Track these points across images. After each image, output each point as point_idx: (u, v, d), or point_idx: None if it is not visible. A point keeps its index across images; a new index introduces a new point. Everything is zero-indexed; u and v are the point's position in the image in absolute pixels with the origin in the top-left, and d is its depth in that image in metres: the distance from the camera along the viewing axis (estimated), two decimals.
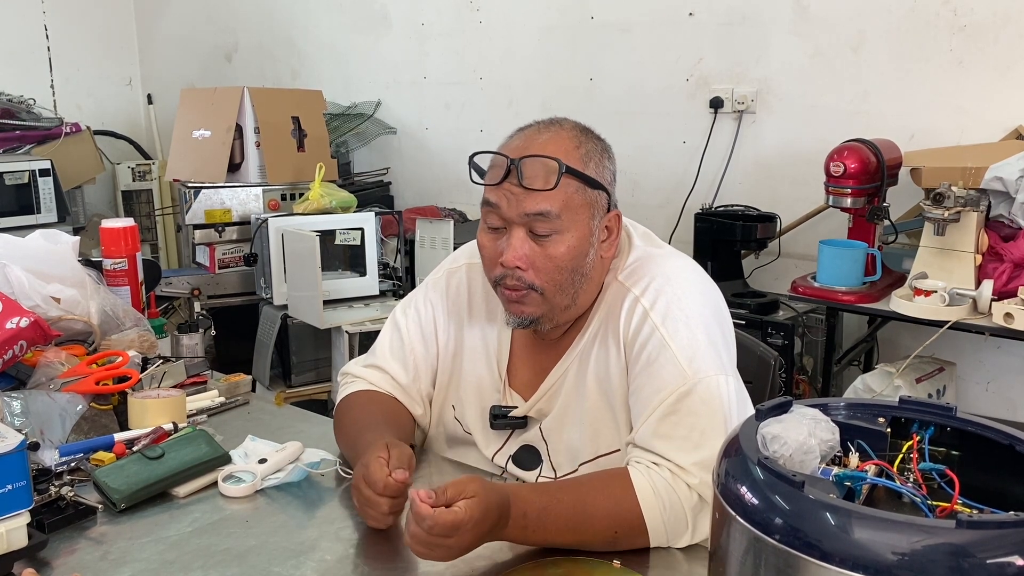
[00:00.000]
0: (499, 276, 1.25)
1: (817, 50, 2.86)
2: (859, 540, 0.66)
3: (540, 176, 1.20)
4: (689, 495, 1.12)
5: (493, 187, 1.23)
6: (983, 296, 2.19)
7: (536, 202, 1.20)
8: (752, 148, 3.05)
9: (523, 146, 1.24)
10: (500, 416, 1.35)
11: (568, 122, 1.28)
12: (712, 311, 1.26)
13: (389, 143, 4.16)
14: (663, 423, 1.16)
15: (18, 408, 1.40)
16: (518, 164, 1.20)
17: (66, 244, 1.78)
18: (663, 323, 1.21)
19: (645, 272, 1.27)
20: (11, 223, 3.50)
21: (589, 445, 1.28)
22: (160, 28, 5.09)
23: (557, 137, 1.24)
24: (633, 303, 1.24)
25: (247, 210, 3.39)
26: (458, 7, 3.78)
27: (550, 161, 1.19)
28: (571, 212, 1.21)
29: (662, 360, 1.19)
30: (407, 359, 1.42)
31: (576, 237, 1.22)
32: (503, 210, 1.22)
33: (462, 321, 1.42)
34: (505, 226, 1.23)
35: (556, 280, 1.23)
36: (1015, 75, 2.52)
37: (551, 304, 1.25)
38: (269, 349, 3.12)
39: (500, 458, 1.36)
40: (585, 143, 1.25)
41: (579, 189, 1.22)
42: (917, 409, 0.86)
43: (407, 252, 3.29)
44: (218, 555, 1.12)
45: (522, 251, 1.22)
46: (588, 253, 1.24)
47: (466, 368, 1.40)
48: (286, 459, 1.33)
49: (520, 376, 1.37)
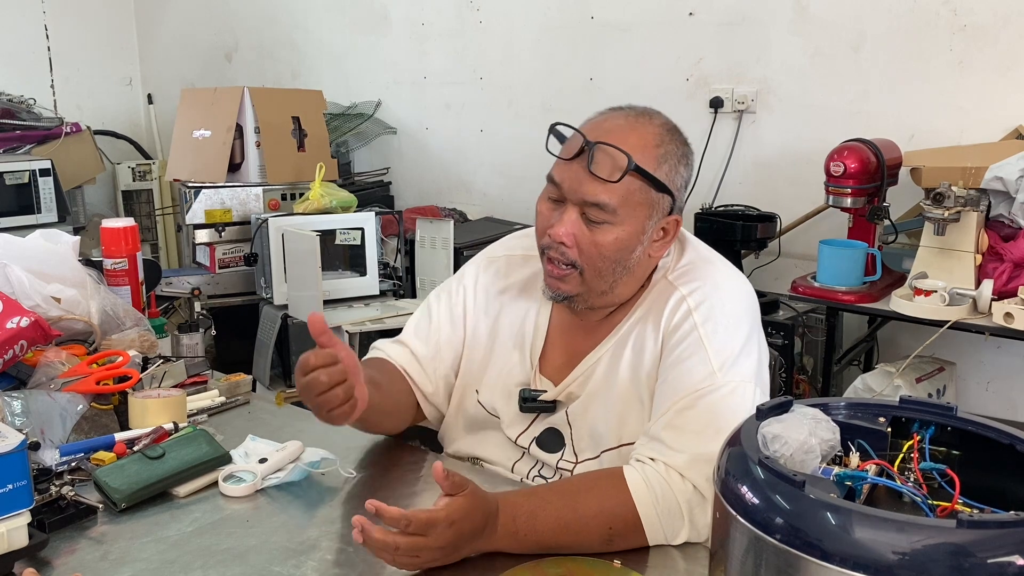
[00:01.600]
0: (546, 245, 1.26)
1: (817, 50, 2.86)
2: (860, 540, 0.66)
3: (608, 166, 1.19)
4: (683, 485, 1.12)
5: (563, 162, 1.24)
6: (983, 296, 2.19)
7: (596, 191, 1.20)
8: (752, 148, 3.05)
9: (605, 129, 1.23)
10: (530, 399, 1.35)
11: (660, 117, 1.27)
12: (752, 325, 1.27)
13: (389, 143, 4.16)
14: (679, 416, 1.17)
15: (19, 408, 1.40)
16: (592, 148, 1.20)
17: (66, 244, 1.78)
18: (703, 324, 1.22)
19: (696, 276, 1.29)
20: (11, 223, 3.50)
21: (614, 432, 1.29)
22: (160, 28, 5.09)
23: (642, 130, 1.24)
24: (679, 300, 1.26)
25: (247, 210, 3.39)
26: (458, 7, 3.78)
27: (621, 155, 1.19)
28: (629, 208, 1.22)
29: (695, 359, 1.20)
30: (431, 337, 1.43)
31: (627, 232, 1.23)
32: (564, 189, 1.23)
33: (496, 307, 1.43)
34: (563, 199, 1.24)
35: (597, 266, 1.24)
36: (1015, 75, 2.52)
37: (588, 286, 1.26)
38: (269, 349, 3.12)
39: (524, 439, 1.36)
40: (667, 143, 1.24)
41: (643, 188, 1.22)
42: (917, 409, 0.86)
43: (407, 252, 3.29)
44: (218, 555, 1.12)
45: (571, 229, 1.23)
46: (635, 249, 1.25)
47: (497, 354, 1.41)
48: (286, 459, 1.33)
49: (552, 361, 1.37)
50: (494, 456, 1.40)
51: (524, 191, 3.66)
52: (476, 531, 1.06)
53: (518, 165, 3.67)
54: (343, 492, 1.30)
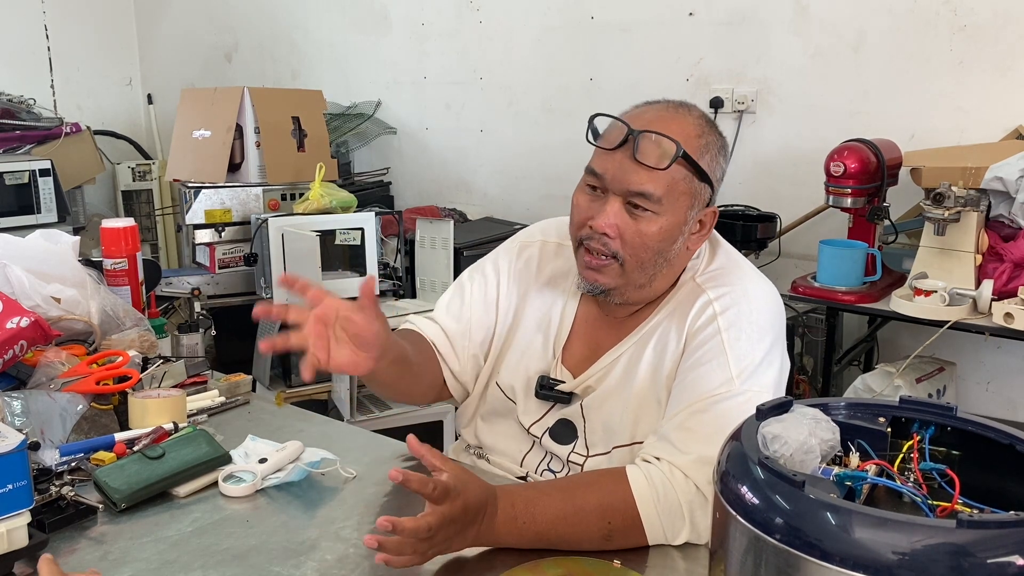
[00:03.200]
0: (585, 236, 1.25)
1: (817, 50, 2.86)
2: (860, 540, 0.66)
3: (655, 154, 1.19)
4: (686, 485, 1.12)
5: (605, 152, 1.22)
6: (983, 296, 2.19)
7: (642, 180, 1.19)
8: (752, 148, 3.05)
9: (648, 119, 1.22)
10: (547, 387, 1.35)
11: (696, 109, 1.28)
12: (776, 335, 1.26)
13: (389, 143, 4.16)
14: (691, 418, 1.17)
15: (18, 408, 1.40)
16: (637, 136, 1.19)
17: (66, 244, 1.78)
18: (727, 329, 1.22)
19: (725, 281, 1.28)
20: (11, 223, 3.50)
21: (628, 429, 1.28)
22: (160, 28, 5.09)
23: (683, 121, 1.24)
24: (706, 303, 1.25)
25: (247, 210, 3.39)
26: (458, 7, 3.78)
27: (668, 141, 1.19)
28: (672, 197, 1.21)
29: (714, 364, 1.20)
30: (462, 315, 1.43)
31: (671, 222, 1.22)
32: (607, 180, 1.22)
33: (526, 292, 1.42)
34: (604, 191, 1.23)
35: (640, 257, 1.23)
36: (1015, 75, 2.52)
37: (628, 279, 1.26)
38: None
39: (537, 429, 1.36)
40: (707, 134, 1.25)
41: (687, 177, 1.22)
42: (917, 409, 0.86)
43: (407, 252, 3.29)
44: (218, 555, 1.12)
45: (615, 220, 1.21)
46: (677, 240, 1.24)
47: (520, 338, 1.40)
48: (286, 459, 1.33)
49: (574, 353, 1.37)
50: (505, 446, 1.40)
51: (524, 191, 3.67)
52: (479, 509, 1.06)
53: (518, 165, 3.67)
54: (343, 492, 1.30)
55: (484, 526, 1.08)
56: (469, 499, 1.05)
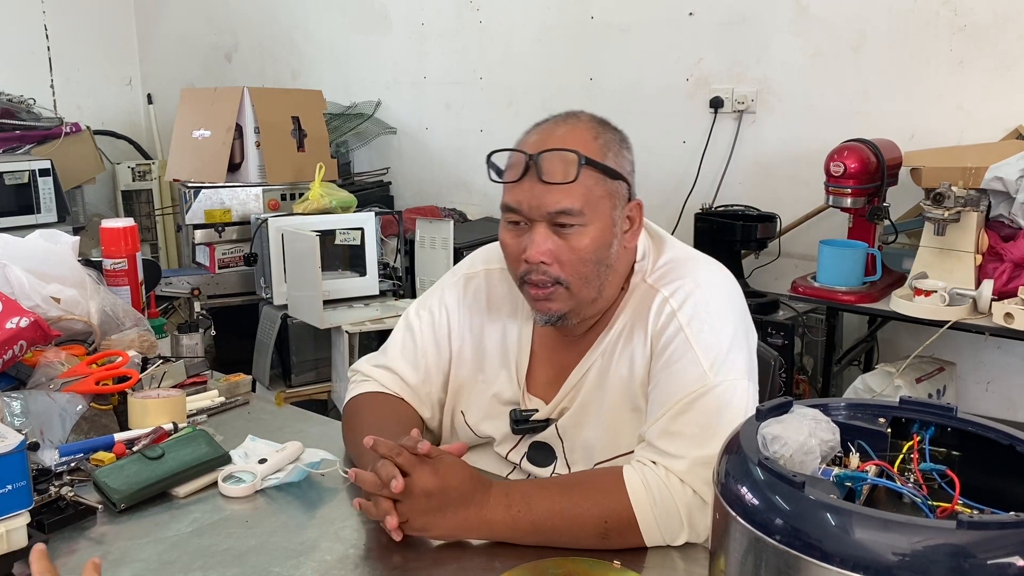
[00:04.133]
0: (524, 272, 1.24)
1: (817, 50, 2.86)
2: (860, 540, 0.66)
3: (560, 170, 1.19)
4: (682, 491, 1.12)
5: (513, 185, 1.22)
6: (983, 296, 2.19)
7: (557, 199, 1.19)
8: (752, 148, 3.05)
9: (540, 140, 1.23)
10: (522, 421, 1.34)
11: (584, 114, 1.28)
12: (738, 318, 1.26)
13: (389, 143, 4.16)
14: (675, 421, 1.16)
15: (18, 408, 1.40)
16: (537, 159, 1.19)
17: (66, 244, 1.78)
18: (689, 324, 1.21)
19: (675, 275, 1.27)
20: (11, 223, 3.50)
21: (608, 445, 1.28)
22: (160, 28, 5.09)
23: (575, 130, 1.24)
24: (662, 303, 1.25)
25: (247, 210, 3.39)
26: (458, 7, 3.78)
27: (568, 154, 1.19)
28: (593, 205, 1.21)
29: (684, 361, 1.19)
30: (418, 361, 1.41)
31: (599, 229, 1.22)
32: (525, 210, 1.21)
33: (479, 326, 1.41)
34: (527, 222, 1.23)
35: (581, 272, 1.23)
36: (1015, 75, 2.52)
37: (578, 299, 1.25)
38: (269, 349, 3.12)
39: (514, 455, 1.36)
40: (603, 134, 1.25)
41: (599, 180, 1.21)
42: (917, 409, 0.86)
43: (407, 252, 3.30)
44: (218, 555, 1.12)
45: (546, 246, 1.21)
46: (612, 244, 1.24)
47: (483, 372, 1.39)
48: (286, 459, 1.33)
49: (539, 378, 1.36)
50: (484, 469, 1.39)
51: None
52: (464, 494, 1.09)
53: None
54: (343, 492, 1.30)
55: (472, 512, 1.09)
56: (450, 481, 1.08)
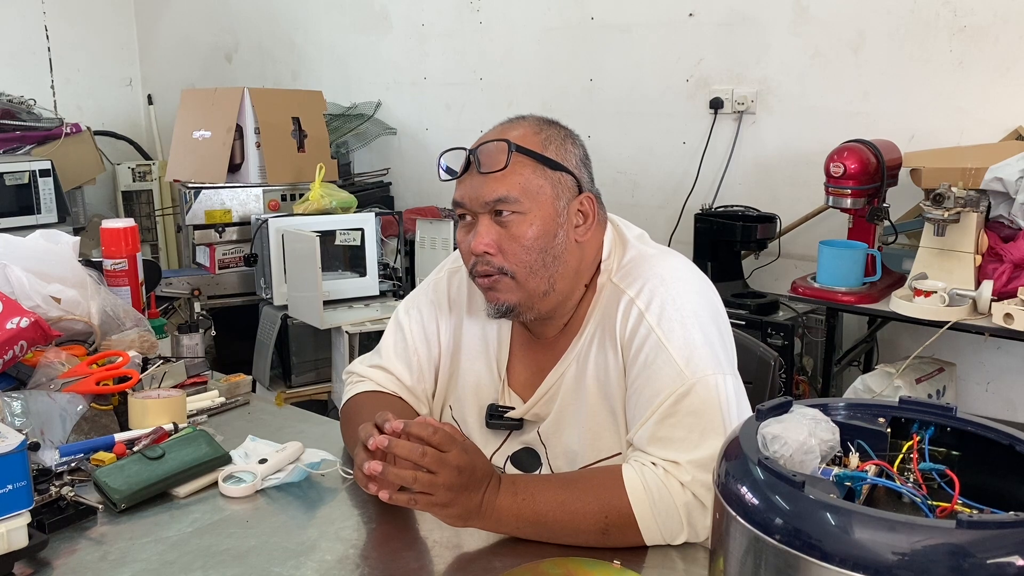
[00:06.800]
0: (472, 265, 1.27)
1: (817, 50, 2.86)
2: (859, 540, 0.66)
3: (494, 159, 1.22)
4: (682, 492, 1.12)
5: (458, 182, 1.26)
6: (983, 296, 2.19)
7: (493, 188, 1.22)
8: (752, 149, 3.06)
9: (484, 138, 1.28)
10: (496, 416, 1.35)
11: (532, 116, 1.31)
12: (708, 310, 1.25)
13: (389, 143, 4.16)
14: (661, 426, 1.16)
15: (18, 408, 1.40)
16: (475, 153, 1.24)
17: (66, 244, 1.78)
18: (659, 324, 1.21)
19: (639, 273, 1.26)
20: (11, 223, 3.51)
21: (589, 449, 1.28)
22: (160, 28, 5.09)
23: (517, 126, 1.28)
24: (628, 305, 1.24)
25: (247, 210, 3.40)
26: (458, 7, 3.78)
27: (501, 143, 1.23)
28: (532, 194, 1.23)
29: (659, 362, 1.19)
30: (411, 360, 1.42)
31: (541, 218, 1.23)
32: (468, 204, 1.25)
33: (462, 320, 1.42)
34: (473, 216, 1.26)
35: (525, 261, 1.24)
36: (1015, 75, 2.53)
37: (526, 290, 1.25)
38: (269, 349, 3.12)
39: (498, 458, 1.36)
40: (545, 129, 1.28)
41: (536, 169, 1.23)
42: (917, 409, 0.86)
43: (407, 252, 3.30)
44: (218, 555, 1.12)
45: (488, 237, 1.23)
46: (556, 234, 1.25)
47: (464, 367, 1.40)
48: (286, 459, 1.33)
49: (519, 376, 1.37)
50: None
51: None
52: (486, 474, 1.09)
53: None
54: (343, 493, 1.30)
55: (487, 496, 1.09)
56: (476, 460, 1.08)
